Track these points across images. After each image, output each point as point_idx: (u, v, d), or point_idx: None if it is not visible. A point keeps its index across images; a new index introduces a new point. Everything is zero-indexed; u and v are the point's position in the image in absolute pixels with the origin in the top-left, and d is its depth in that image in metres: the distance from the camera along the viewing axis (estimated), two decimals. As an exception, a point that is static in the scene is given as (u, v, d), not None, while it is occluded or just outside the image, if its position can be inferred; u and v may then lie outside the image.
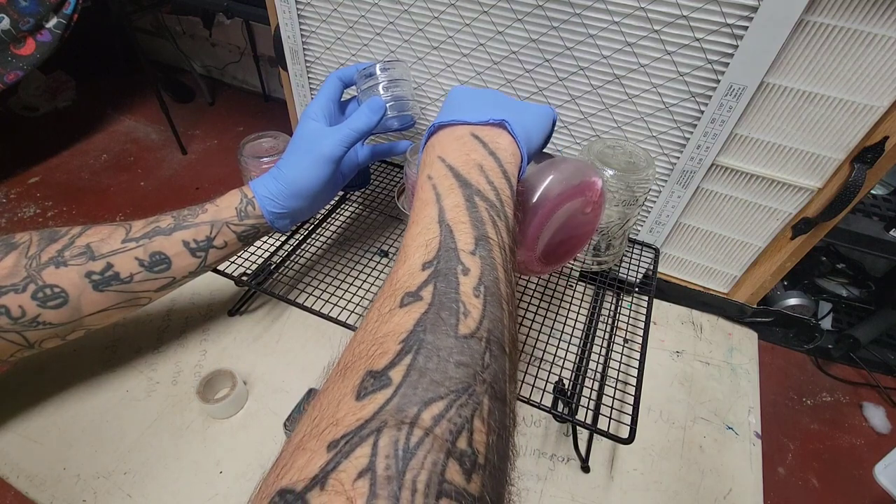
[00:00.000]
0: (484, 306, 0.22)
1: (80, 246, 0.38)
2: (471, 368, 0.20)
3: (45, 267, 0.37)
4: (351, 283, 0.54)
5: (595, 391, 0.45)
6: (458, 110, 0.33)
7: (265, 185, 0.44)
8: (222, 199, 0.44)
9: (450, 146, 0.30)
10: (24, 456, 0.43)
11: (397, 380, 0.19)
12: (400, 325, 0.21)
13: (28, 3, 1.27)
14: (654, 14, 0.42)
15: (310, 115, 0.45)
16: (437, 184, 0.28)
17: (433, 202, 0.27)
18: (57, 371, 0.49)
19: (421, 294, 0.22)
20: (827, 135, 0.43)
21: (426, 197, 0.27)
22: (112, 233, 0.40)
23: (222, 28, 1.98)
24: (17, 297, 0.36)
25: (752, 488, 0.46)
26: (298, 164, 0.43)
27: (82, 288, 0.38)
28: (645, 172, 0.45)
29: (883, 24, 0.36)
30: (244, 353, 0.52)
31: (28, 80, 1.79)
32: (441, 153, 0.30)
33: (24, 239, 0.38)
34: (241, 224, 0.43)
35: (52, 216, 1.55)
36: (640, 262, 0.56)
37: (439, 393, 0.18)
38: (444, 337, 0.20)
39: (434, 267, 0.23)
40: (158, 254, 0.41)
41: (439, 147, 0.30)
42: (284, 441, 0.19)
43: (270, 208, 0.44)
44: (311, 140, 0.44)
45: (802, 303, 1.13)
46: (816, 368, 1.27)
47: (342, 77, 0.47)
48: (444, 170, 0.28)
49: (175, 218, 0.42)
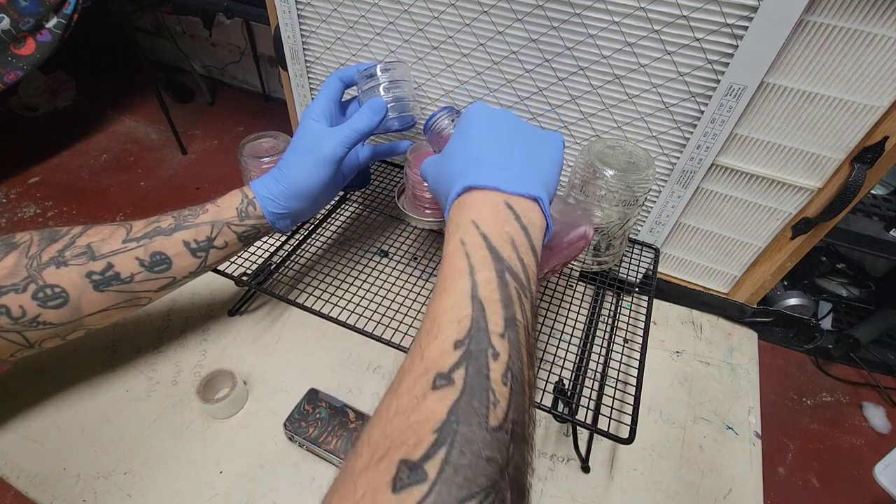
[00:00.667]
0: (510, 394, 0.23)
1: (81, 246, 0.38)
2: (498, 464, 0.21)
3: (45, 267, 0.37)
4: (351, 283, 0.54)
5: (595, 391, 0.45)
6: (487, 164, 0.32)
7: (266, 185, 0.44)
8: (223, 199, 0.44)
9: (484, 213, 0.30)
10: (24, 456, 0.43)
11: (432, 475, 0.19)
12: (434, 412, 0.21)
13: (28, 3, 1.27)
14: (654, 14, 0.42)
15: (310, 116, 0.45)
16: (470, 252, 0.28)
17: (466, 274, 0.27)
18: (57, 371, 0.49)
19: (453, 377, 0.22)
20: (827, 135, 0.43)
21: (459, 266, 0.27)
22: (113, 233, 0.40)
23: (222, 28, 1.98)
24: (18, 296, 0.36)
25: (752, 488, 0.46)
26: (300, 165, 0.43)
27: (83, 288, 0.38)
28: (645, 172, 0.45)
29: (883, 24, 0.36)
30: (244, 353, 0.52)
31: (28, 80, 1.79)
32: (475, 218, 0.29)
33: (24, 239, 0.38)
34: (241, 224, 0.43)
35: (52, 216, 1.55)
36: (640, 262, 0.56)
37: (472, 491, 0.19)
38: (476, 429, 0.21)
39: (466, 347, 0.23)
40: (159, 254, 0.41)
41: (473, 211, 0.30)
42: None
43: (271, 209, 0.44)
44: (313, 141, 0.44)
45: (802, 303, 1.13)
46: (816, 368, 1.27)
47: (343, 77, 0.47)
48: (477, 238, 0.28)
49: (176, 218, 0.42)
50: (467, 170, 0.32)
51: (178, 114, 1.90)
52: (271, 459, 0.44)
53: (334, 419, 0.45)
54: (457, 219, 0.30)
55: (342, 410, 0.45)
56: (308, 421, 0.44)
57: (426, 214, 0.54)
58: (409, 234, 0.64)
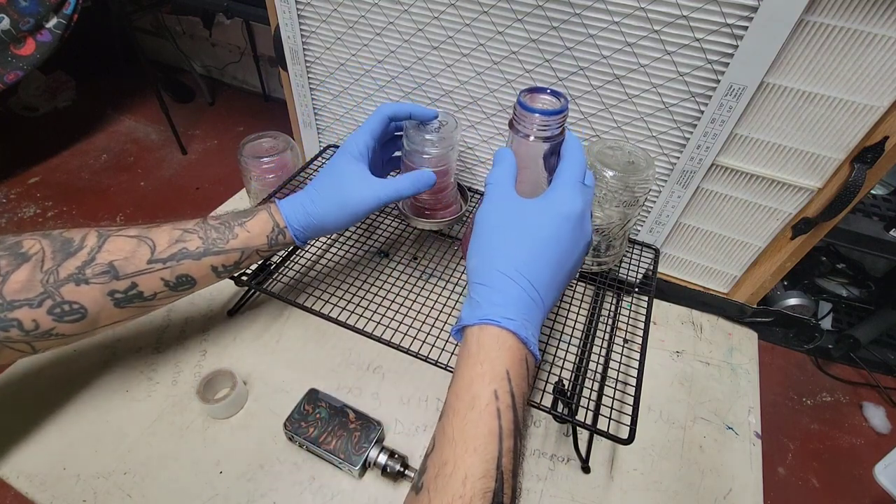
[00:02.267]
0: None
1: (103, 264, 0.37)
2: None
3: (64, 283, 0.36)
4: (351, 283, 0.54)
5: (595, 391, 0.45)
6: (525, 300, 0.31)
7: (297, 217, 0.43)
8: (252, 223, 0.43)
9: (515, 367, 0.30)
10: (24, 456, 0.43)
11: None
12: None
13: (28, 3, 1.27)
14: (654, 14, 0.42)
15: (350, 152, 0.44)
16: (501, 413, 0.29)
17: (496, 439, 0.28)
18: (57, 371, 0.49)
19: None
20: (827, 135, 0.43)
21: (492, 426, 0.28)
22: (135, 250, 0.39)
23: (222, 28, 1.98)
24: (32, 311, 0.35)
25: (752, 488, 0.46)
26: (333, 206, 0.43)
27: (103, 304, 0.38)
28: (645, 173, 0.45)
29: (883, 24, 0.36)
30: (244, 353, 0.52)
31: (28, 80, 1.79)
32: (510, 369, 0.30)
33: (35, 249, 0.37)
34: (269, 250, 0.44)
35: (52, 216, 1.55)
36: (640, 263, 0.56)
37: None
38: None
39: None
40: (185, 276, 0.41)
41: (507, 359, 0.30)
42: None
43: (300, 237, 0.44)
44: (350, 183, 0.43)
45: (802, 303, 1.13)
46: (816, 368, 1.27)
47: (393, 116, 0.46)
48: (508, 399, 0.29)
49: (203, 241, 0.41)
50: (510, 292, 0.32)
51: (178, 114, 1.90)
52: (271, 459, 0.44)
53: (334, 419, 0.45)
54: (491, 354, 0.30)
55: (342, 410, 0.45)
56: (308, 421, 0.44)
57: (426, 215, 0.54)
58: (409, 234, 0.64)
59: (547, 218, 0.33)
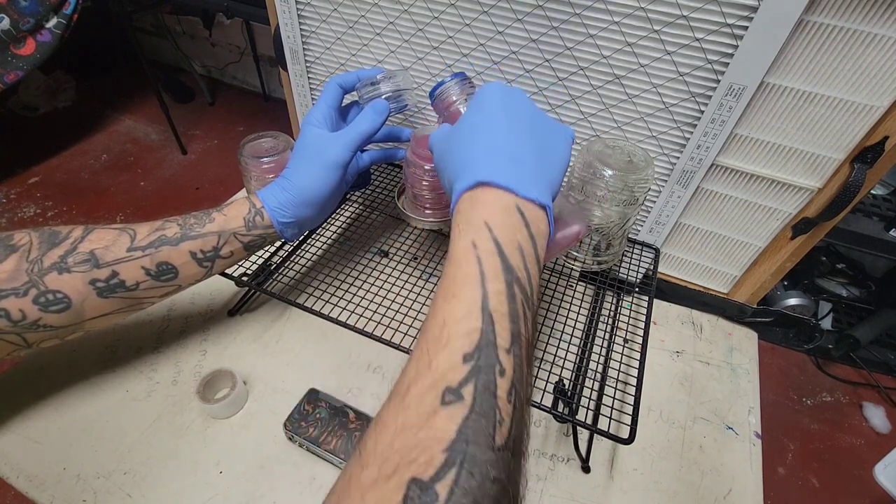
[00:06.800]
0: (513, 412, 0.23)
1: (84, 252, 0.38)
2: (502, 483, 0.21)
3: (47, 272, 0.37)
4: (351, 283, 0.54)
5: (595, 391, 0.45)
6: (502, 157, 0.31)
7: (273, 194, 0.44)
8: (229, 207, 0.43)
9: (497, 216, 0.29)
10: (24, 456, 0.43)
11: (443, 496, 0.20)
12: (444, 430, 0.22)
13: (28, 3, 1.27)
14: (654, 14, 0.42)
15: (311, 122, 0.45)
16: (482, 258, 0.27)
17: (477, 282, 0.26)
18: (57, 371, 0.49)
19: (462, 393, 0.23)
20: (827, 135, 0.43)
21: (470, 272, 0.26)
22: (116, 239, 0.39)
23: (222, 28, 1.98)
24: (18, 300, 0.35)
25: (752, 488, 0.46)
26: (307, 172, 0.43)
27: (86, 294, 0.38)
28: (644, 172, 0.45)
29: (883, 24, 0.36)
30: (244, 353, 0.52)
31: (28, 80, 1.79)
32: (488, 220, 0.28)
33: (23, 241, 0.38)
34: (248, 234, 0.43)
35: (52, 216, 1.55)
36: (640, 262, 0.56)
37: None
38: (484, 449, 0.21)
39: (475, 362, 0.24)
40: (165, 264, 0.40)
41: (486, 211, 0.29)
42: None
43: (280, 218, 0.44)
44: (317, 147, 0.44)
45: (802, 303, 1.13)
46: (816, 368, 1.27)
47: (342, 83, 0.47)
48: (490, 244, 0.27)
49: (181, 227, 0.41)
50: (480, 159, 0.31)
51: (178, 114, 1.90)
52: (271, 459, 0.44)
53: (334, 419, 0.45)
54: (467, 215, 0.29)
55: (342, 410, 0.45)
56: (308, 421, 0.44)
57: (426, 214, 0.54)
58: (409, 234, 0.64)
59: (466, 116, 0.35)
